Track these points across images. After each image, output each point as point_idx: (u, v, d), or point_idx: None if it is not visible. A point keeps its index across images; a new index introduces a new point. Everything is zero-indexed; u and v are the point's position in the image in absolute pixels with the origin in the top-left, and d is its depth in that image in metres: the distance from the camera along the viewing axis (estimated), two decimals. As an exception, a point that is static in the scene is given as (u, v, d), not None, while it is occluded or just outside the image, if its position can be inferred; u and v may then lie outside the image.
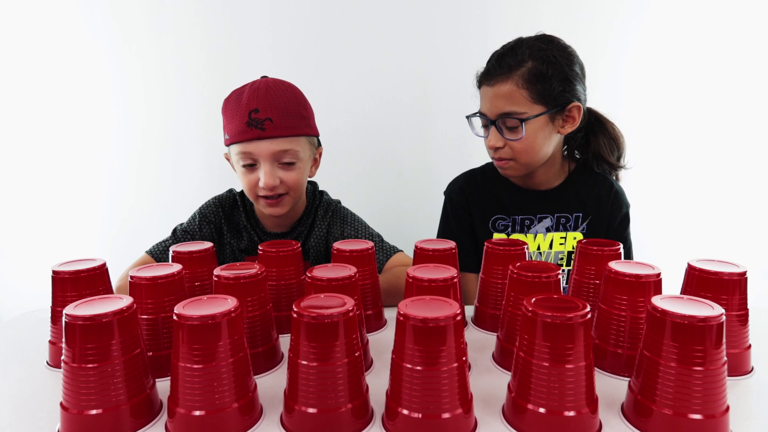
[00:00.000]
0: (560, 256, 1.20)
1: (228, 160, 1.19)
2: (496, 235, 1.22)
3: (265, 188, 1.08)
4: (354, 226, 1.25)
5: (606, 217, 1.21)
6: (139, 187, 1.84)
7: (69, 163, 1.81)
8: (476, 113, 1.16)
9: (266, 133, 1.04)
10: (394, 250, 1.21)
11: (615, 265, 0.80)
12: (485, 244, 0.98)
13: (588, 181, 1.23)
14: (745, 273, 0.77)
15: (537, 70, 1.07)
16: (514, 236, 1.21)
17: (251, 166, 1.09)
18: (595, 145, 1.21)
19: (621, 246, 0.93)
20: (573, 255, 1.14)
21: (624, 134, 1.24)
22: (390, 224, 1.42)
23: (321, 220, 1.24)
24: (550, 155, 1.17)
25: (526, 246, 0.97)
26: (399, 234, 1.46)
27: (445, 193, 1.32)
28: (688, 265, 0.81)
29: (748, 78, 1.73)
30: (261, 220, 1.25)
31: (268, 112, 1.04)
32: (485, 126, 1.17)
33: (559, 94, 1.09)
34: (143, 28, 1.72)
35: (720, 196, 1.81)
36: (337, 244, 0.97)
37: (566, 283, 1.14)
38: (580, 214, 1.19)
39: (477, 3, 1.69)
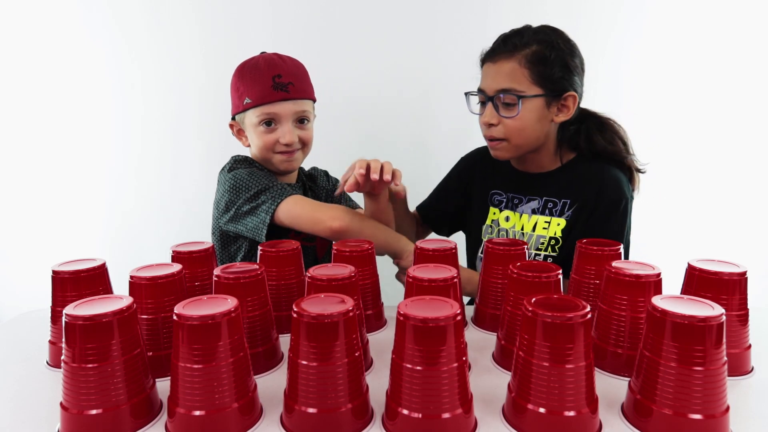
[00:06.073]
0: (541, 240, 1.19)
1: (232, 128, 1.28)
2: (491, 209, 1.29)
3: (286, 145, 1.21)
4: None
5: (591, 204, 1.16)
6: (138, 187, 1.84)
7: (69, 163, 1.81)
8: (475, 91, 1.19)
9: (290, 95, 1.19)
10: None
11: (615, 265, 0.80)
12: (485, 244, 0.98)
13: (588, 168, 1.20)
14: (745, 273, 0.78)
15: (540, 53, 1.10)
16: (505, 213, 1.26)
17: (269, 126, 1.21)
18: (598, 143, 1.20)
19: (621, 246, 0.93)
20: (553, 242, 1.18)
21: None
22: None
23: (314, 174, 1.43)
24: (542, 144, 1.19)
25: (526, 246, 0.97)
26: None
27: (462, 157, 1.40)
28: (688, 265, 0.81)
29: (747, 78, 1.73)
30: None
31: (290, 78, 1.19)
32: (482, 103, 1.18)
33: (558, 80, 1.11)
34: (142, 27, 1.72)
35: (720, 196, 1.81)
36: (337, 245, 0.97)
37: None
38: (568, 201, 1.19)
39: (477, 3, 1.69)
